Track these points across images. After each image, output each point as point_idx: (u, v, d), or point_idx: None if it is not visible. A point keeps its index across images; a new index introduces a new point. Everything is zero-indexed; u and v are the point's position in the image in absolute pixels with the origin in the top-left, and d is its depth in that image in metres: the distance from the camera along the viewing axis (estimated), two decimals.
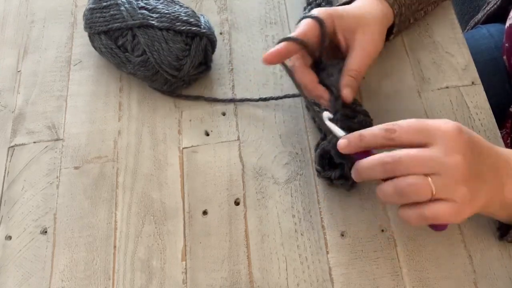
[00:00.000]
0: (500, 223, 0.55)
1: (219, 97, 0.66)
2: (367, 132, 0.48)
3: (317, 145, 0.59)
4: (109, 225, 0.59)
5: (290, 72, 0.56)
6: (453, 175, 0.45)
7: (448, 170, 0.44)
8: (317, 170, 0.59)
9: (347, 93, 0.55)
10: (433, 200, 0.45)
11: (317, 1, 0.71)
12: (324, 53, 0.57)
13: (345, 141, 0.49)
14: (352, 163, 0.51)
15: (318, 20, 0.55)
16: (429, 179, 0.44)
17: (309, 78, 0.56)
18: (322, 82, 0.56)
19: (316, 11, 0.56)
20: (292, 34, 0.55)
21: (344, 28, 0.57)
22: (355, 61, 0.56)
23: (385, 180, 0.47)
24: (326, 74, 0.57)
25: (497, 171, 0.48)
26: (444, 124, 0.46)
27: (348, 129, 0.51)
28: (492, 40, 0.83)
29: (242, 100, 0.65)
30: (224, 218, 0.59)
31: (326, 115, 0.53)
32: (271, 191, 0.60)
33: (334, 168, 0.57)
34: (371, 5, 0.60)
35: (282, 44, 0.54)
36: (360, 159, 0.48)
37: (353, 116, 0.56)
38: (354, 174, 0.49)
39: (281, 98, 0.65)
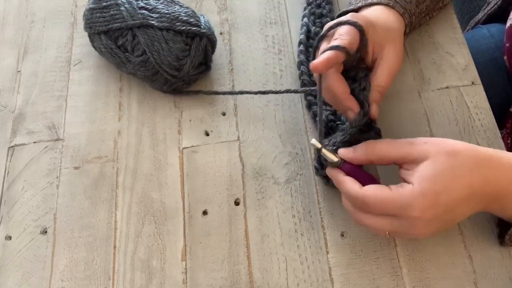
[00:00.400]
0: (498, 221, 0.55)
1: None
2: (345, 189, 0.50)
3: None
4: (109, 225, 0.59)
5: (320, 78, 0.53)
6: (410, 237, 0.51)
7: (406, 235, 0.50)
8: (315, 168, 0.59)
9: (375, 110, 0.54)
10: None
11: (317, 1, 0.71)
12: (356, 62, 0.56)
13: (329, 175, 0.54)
14: None
15: (359, 28, 0.52)
16: (387, 233, 0.49)
17: (342, 88, 0.53)
18: (352, 93, 0.54)
19: (352, 17, 0.53)
20: (338, 42, 0.51)
21: (375, 40, 0.55)
22: (383, 78, 0.54)
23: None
24: (358, 86, 0.54)
25: (477, 203, 0.49)
26: (409, 207, 0.46)
27: (356, 141, 0.52)
28: (492, 40, 0.83)
29: (242, 93, 0.65)
30: (224, 218, 0.59)
31: (314, 142, 0.52)
32: (271, 191, 0.60)
33: None
34: (388, 16, 0.59)
35: (332, 52, 0.50)
36: (349, 174, 0.51)
37: (366, 131, 0.55)
38: (335, 183, 0.53)
39: (281, 92, 0.63)
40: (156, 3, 0.64)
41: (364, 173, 0.51)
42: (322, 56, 0.50)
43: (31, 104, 0.68)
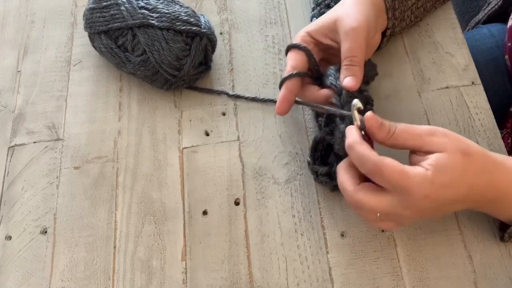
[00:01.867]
0: (501, 224, 0.55)
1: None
2: (358, 151, 0.48)
3: (315, 139, 0.59)
4: (109, 225, 0.59)
5: (302, 102, 0.59)
6: (401, 221, 0.51)
7: (398, 219, 0.50)
8: (307, 162, 0.59)
9: (347, 82, 0.53)
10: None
11: (326, 1, 0.70)
12: (320, 68, 0.59)
13: (347, 146, 0.51)
14: None
15: (301, 48, 0.57)
16: (378, 215, 0.49)
17: (309, 92, 0.58)
18: (325, 86, 0.57)
19: (297, 38, 0.59)
20: (286, 71, 0.57)
21: (327, 34, 0.58)
22: (345, 50, 0.55)
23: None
24: (325, 78, 0.57)
25: (473, 204, 0.51)
26: (417, 187, 0.46)
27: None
28: (493, 39, 0.83)
29: (237, 96, 0.66)
30: (224, 218, 0.59)
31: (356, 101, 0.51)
32: (271, 191, 0.60)
33: (325, 165, 0.57)
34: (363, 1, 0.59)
35: (283, 90, 0.57)
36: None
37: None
38: (351, 144, 0.51)
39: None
40: (156, 2, 0.64)
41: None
42: (278, 101, 0.57)
43: (31, 104, 0.68)
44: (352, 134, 0.49)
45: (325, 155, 0.58)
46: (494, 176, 0.49)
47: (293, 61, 0.58)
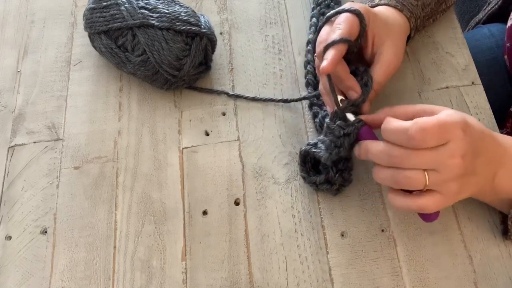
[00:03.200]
0: (502, 217, 0.55)
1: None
2: (392, 129, 0.48)
3: (300, 153, 0.59)
4: (109, 225, 0.59)
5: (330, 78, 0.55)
6: (449, 174, 0.47)
7: (446, 169, 0.47)
8: (302, 177, 0.59)
9: (367, 108, 0.56)
10: (423, 190, 0.48)
11: (326, 2, 0.71)
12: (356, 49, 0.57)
13: (356, 150, 0.53)
14: (337, 169, 0.56)
15: (357, 13, 0.54)
16: (426, 174, 0.47)
17: (343, 68, 0.55)
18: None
19: (354, 5, 0.55)
20: (337, 33, 0.53)
21: (375, 32, 0.56)
22: (380, 74, 0.56)
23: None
24: (361, 81, 0.56)
25: (492, 162, 0.50)
26: (453, 126, 0.46)
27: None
28: (493, 39, 0.83)
29: (237, 96, 0.66)
30: (224, 218, 0.59)
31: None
32: (271, 191, 0.60)
33: (318, 173, 0.58)
34: (394, 15, 0.60)
35: (334, 51, 0.52)
36: (365, 139, 0.51)
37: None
38: (358, 152, 0.52)
39: (278, 101, 0.65)
40: (156, 2, 0.64)
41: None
42: (327, 58, 0.52)
43: (31, 104, 0.68)
44: (375, 118, 0.52)
45: (315, 164, 0.58)
46: (491, 151, 0.50)
47: (350, 26, 0.53)
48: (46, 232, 0.60)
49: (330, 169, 0.56)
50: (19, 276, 0.57)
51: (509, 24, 0.77)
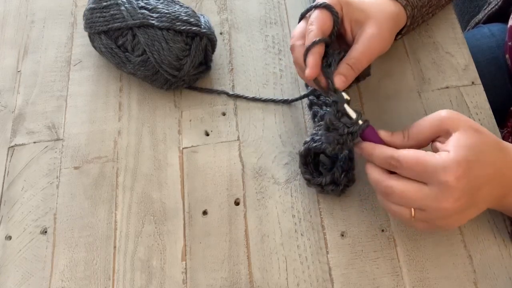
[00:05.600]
0: (511, 223, 0.55)
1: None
2: (376, 152, 0.50)
3: (301, 154, 0.58)
4: (109, 225, 0.59)
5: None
6: (437, 216, 0.48)
7: (433, 212, 0.47)
8: (306, 179, 0.58)
9: (337, 80, 0.54)
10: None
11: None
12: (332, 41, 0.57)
13: (358, 150, 0.53)
14: (343, 169, 0.56)
15: (329, 8, 0.55)
16: (413, 211, 0.48)
17: (312, 61, 0.54)
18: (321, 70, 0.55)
19: None
20: (311, 35, 0.54)
21: (352, 19, 0.56)
22: (357, 51, 0.55)
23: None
24: (325, 63, 0.55)
25: (499, 187, 0.49)
26: (443, 171, 0.45)
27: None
28: (493, 39, 0.83)
29: (237, 96, 0.66)
30: (224, 218, 0.59)
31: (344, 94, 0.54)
32: (271, 191, 0.60)
33: (321, 174, 0.57)
34: (383, 2, 0.59)
35: (313, 56, 0.53)
36: (369, 139, 0.52)
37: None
38: (358, 154, 0.53)
39: (278, 101, 0.65)
40: (156, 2, 0.64)
41: (382, 142, 0.52)
42: (309, 65, 0.53)
43: (31, 104, 0.68)
44: (362, 145, 0.52)
45: (315, 165, 0.58)
46: (506, 155, 0.49)
47: (322, 23, 0.54)
48: (46, 232, 0.60)
49: (335, 170, 0.56)
50: (19, 276, 0.57)
51: (510, 23, 0.77)
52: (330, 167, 0.58)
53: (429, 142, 0.50)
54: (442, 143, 0.48)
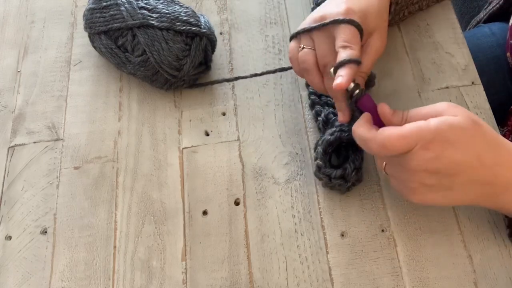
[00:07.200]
0: (509, 222, 0.55)
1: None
2: (356, 137, 0.51)
3: (317, 144, 0.59)
4: (109, 225, 0.59)
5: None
6: (404, 177, 0.49)
7: (400, 173, 0.49)
8: (317, 166, 0.58)
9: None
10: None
11: (326, 2, 0.70)
12: None
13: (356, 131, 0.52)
14: (355, 166, 0.56)
15: (359, 29, 0.53)
16: (384, 164, 0.51)
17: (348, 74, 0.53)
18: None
19: (350, 14, 0.53)
20: (349, 53, 0.51)
21: (365, 29, 0.55)
22: (367, 65, 0.55)
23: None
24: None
25: (481, 183, 0.48)
26: (419, 131, 0.46)
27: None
28: (494, 38, 0.83)
29: (237, 79, 0.67)
30: (224, 218, 0.59)
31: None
32: (271, 191, 0.60)
33: (335, 168, 0.57)
34: None
35: (351, 70, 0.51)
36: (365, 107, 0.53)
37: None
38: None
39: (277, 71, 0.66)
40: (156, 3, 0.64)
41: (376, 113, 0.52)
42: (344, 75, 0.50)
43: (31, 104, 0.68)
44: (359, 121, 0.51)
45: (330, 158, 0.58)
46: (508, 156, 0.48)
47: (358, 42, 0.52)
48: (46, 232, 0.60)
49: (348, 165, 0.56)
50: (19, 276, 0.57)
51: (511, 22, 0.77)
52: (340, 163, 0.58)
53: None
54: None
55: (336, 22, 0.52)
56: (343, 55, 0.51)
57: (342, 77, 0.50)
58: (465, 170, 0.47)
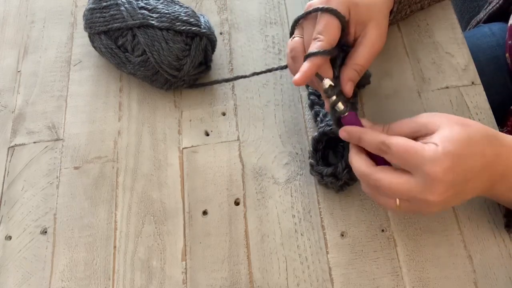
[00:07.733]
0: (506, 211, 0.55)
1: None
2: (367, 137, 0.49)
3: (314, 139, 0.59)
4: (109, 225, 0.59)
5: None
6: (420, 207, 0.48)
7: (417, 203, 0.47)
8: (310, 164, 0.59)
9: (349, 88, 0.53)
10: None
11: None
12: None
13: (345, 134, 0.52)
14: (346, 165, 0.56)
15: (339, 17, 0.52)
16: (398, 201, 0.48)
17: (307, 71, 0.52)
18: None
19: (332, 2, 0.52)
20: (317, 45, 0.51)
21: (357, 20, 0.54)
22: (363, 57, 0.54)
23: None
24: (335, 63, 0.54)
25: (488, 179, 0.48)
26: (430, 163, 0.45)
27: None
28: (494, 38, 0.83)
29: (236, 79, 0.66)
30: (224, 218, 0.59)
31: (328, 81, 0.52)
32: (271, 191, 0.60)
33: (328, 165, 0.57)
34: None
35: (311, 64, 0.51)
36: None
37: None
38: (345, 136, 0.52)
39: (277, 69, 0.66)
40: (156, 3, 0.64)
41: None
42: (301, 70, 0.50)
43: (31, 104, 0.68)
44: (351, 130, 0.51)
45: (325, 155, 0.58)
46: (501, 147, 0.48)
47: (331, 34, 0.51)
48: (46, 232, 0.60)
49: (339, 164, 0.56)
50: (19, 276, 0.57)
51: (510, 22, 0.77)
52: (340, 161, 0.58)
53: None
54: (426, 138, 0.48)
55: (316, 11, 0.52)
56: (310, 48, 0.51)
57: (299, 73, 0.50)
58: (475, 175, 0.47)
